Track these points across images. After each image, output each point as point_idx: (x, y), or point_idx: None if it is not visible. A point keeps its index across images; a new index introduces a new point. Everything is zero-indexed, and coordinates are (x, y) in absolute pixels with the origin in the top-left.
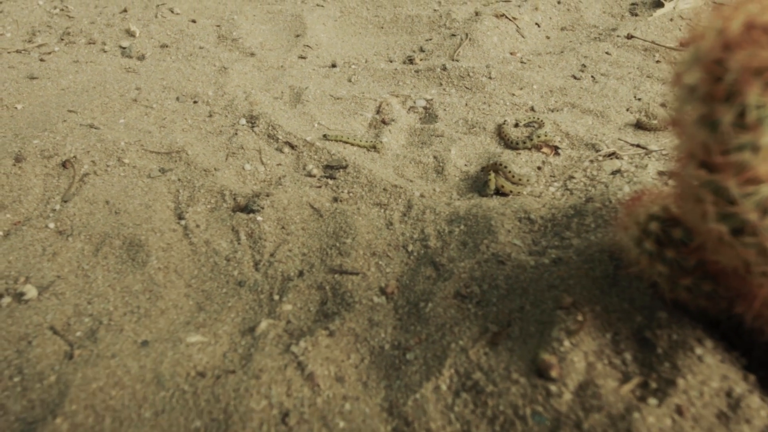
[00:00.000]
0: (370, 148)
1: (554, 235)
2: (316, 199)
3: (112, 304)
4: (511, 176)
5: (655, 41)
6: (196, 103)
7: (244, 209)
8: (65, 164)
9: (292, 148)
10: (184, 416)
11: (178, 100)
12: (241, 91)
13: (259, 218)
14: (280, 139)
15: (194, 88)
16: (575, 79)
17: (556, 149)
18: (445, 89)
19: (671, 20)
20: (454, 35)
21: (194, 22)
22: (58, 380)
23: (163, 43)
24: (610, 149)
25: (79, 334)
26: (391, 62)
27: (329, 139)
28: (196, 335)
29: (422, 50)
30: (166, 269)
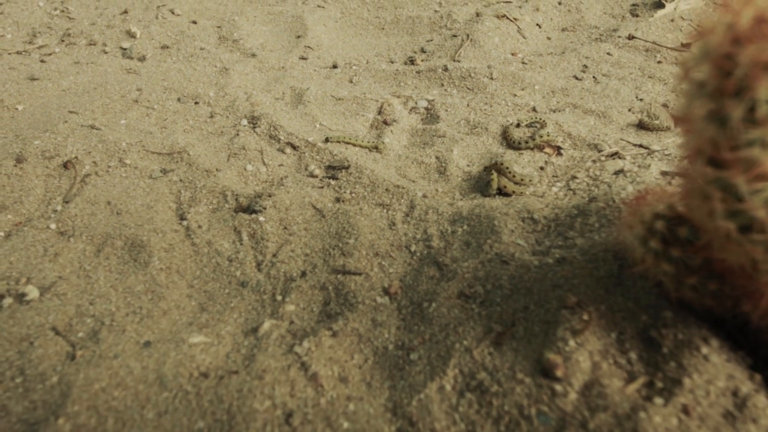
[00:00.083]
0: (372, 148)
1: (558, 235)
2: (318, 199)
3: (114, 304)
4: (513, 176)
5: (656, 42)
6: (197, 103)
7: (246, 210)
8: (66, 165)
9: (293, 148)
10: (187, 417)
11: (179, 101)
12: (242, 91)
13: (261, 219)
14: (281, 139)
15: (195, 89)
16: (577, 79)
17: (558, 149)
18: (446, 90)
19: (672, 21)
20: (455, 36)
21: (195, 23)
22: (60, 381)
23: (163, 44)
24: (612, 149)
25: (81, 334)
26: (392, 63)
27: (331, 141)
28: (198, 336)
29: (423, 51)
30: (168, 270)
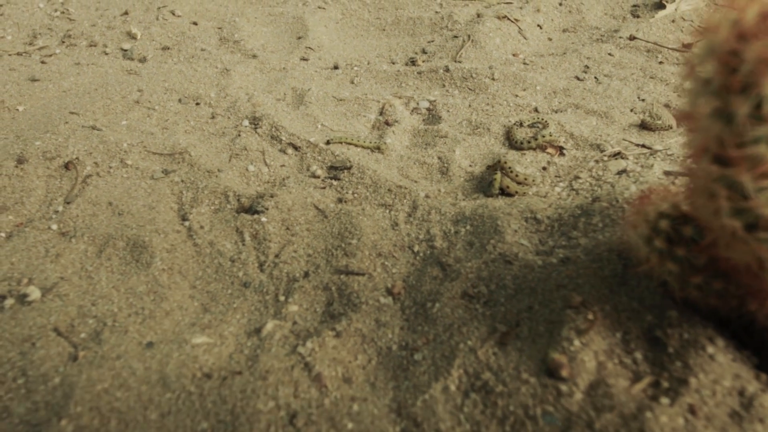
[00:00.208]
0: (374, 149)
1: (561, 234)
2: (320, 200)
3: (116, 305)
4: (516, 176)
5: (657, 42)
6: (198, 104)
7: (248, 210)
8: (67, 166)
9: (295, 149)
10: (190, 418)
11: (180, 101)
12: (243, 92)
13: (263, 219)
14: (283, 140)
15: (196, 89)
16: (578, 80)
17: (560, 149)
18: (448, 90)
19: (673, 21)
20: (456, 37)
21: (195, 24)
22: (62, 382)
23: (164, 45)
24: (615, 149)
25: (83, 335)
26: (393, 64)
27: (333, 142)
28: (201, 336)
29: (424, 52)
30: (170, 270)
